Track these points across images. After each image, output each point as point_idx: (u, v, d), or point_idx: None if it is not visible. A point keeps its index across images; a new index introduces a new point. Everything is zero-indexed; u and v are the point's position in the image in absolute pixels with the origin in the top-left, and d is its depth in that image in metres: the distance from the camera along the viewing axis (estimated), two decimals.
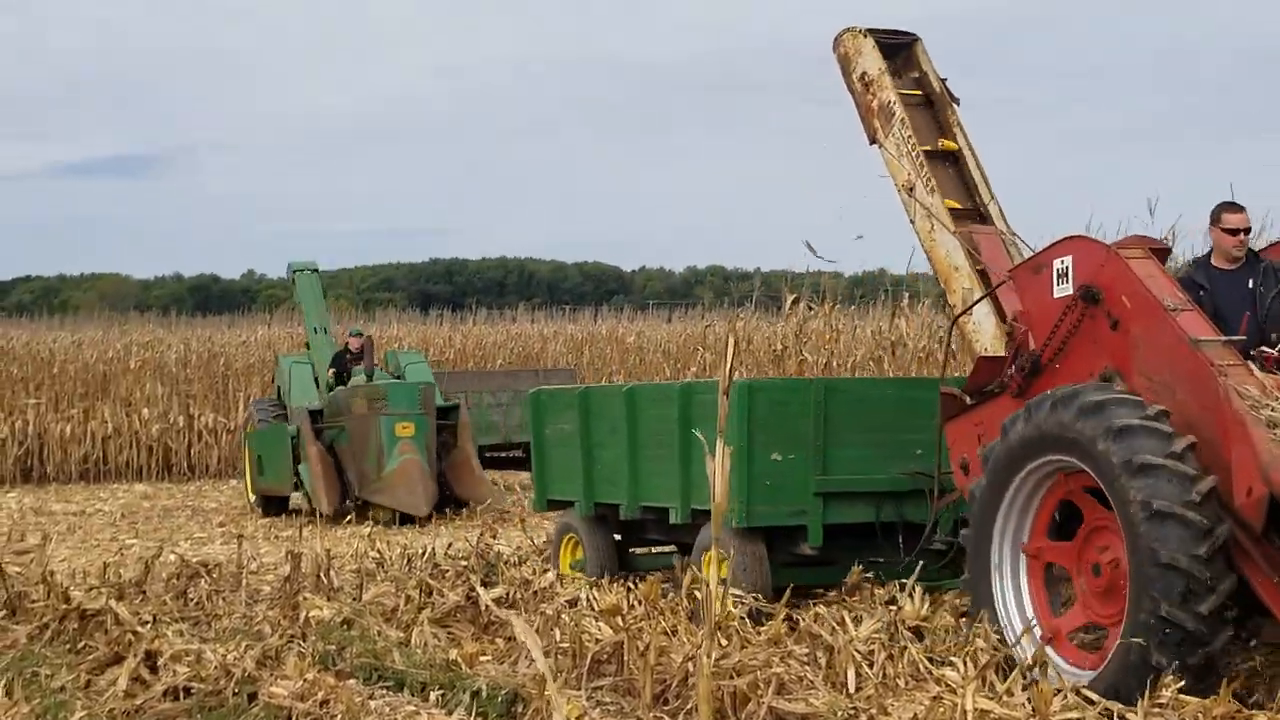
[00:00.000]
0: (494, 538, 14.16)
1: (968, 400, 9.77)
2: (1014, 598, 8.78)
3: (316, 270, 23.41)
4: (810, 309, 20.00)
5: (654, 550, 12.78)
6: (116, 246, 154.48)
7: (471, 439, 20.74)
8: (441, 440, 20.16)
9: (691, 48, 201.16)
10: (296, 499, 20.79)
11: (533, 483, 13.43)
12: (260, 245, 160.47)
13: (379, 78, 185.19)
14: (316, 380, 21.52)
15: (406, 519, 18.96)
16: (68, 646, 9.95)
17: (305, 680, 8.26)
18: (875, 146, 10.67)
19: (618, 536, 12.51)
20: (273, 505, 20.87)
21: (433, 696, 8.29)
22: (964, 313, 9.92)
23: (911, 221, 10.34)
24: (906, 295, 19.18)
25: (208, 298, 67.08)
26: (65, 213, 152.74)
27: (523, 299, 55.48)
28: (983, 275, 9.98)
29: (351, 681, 8.64)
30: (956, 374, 14.59)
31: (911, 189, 10.30)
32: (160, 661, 8.85)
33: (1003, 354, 9.57)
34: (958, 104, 10.70)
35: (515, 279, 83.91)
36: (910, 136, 10.35)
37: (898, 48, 10.90)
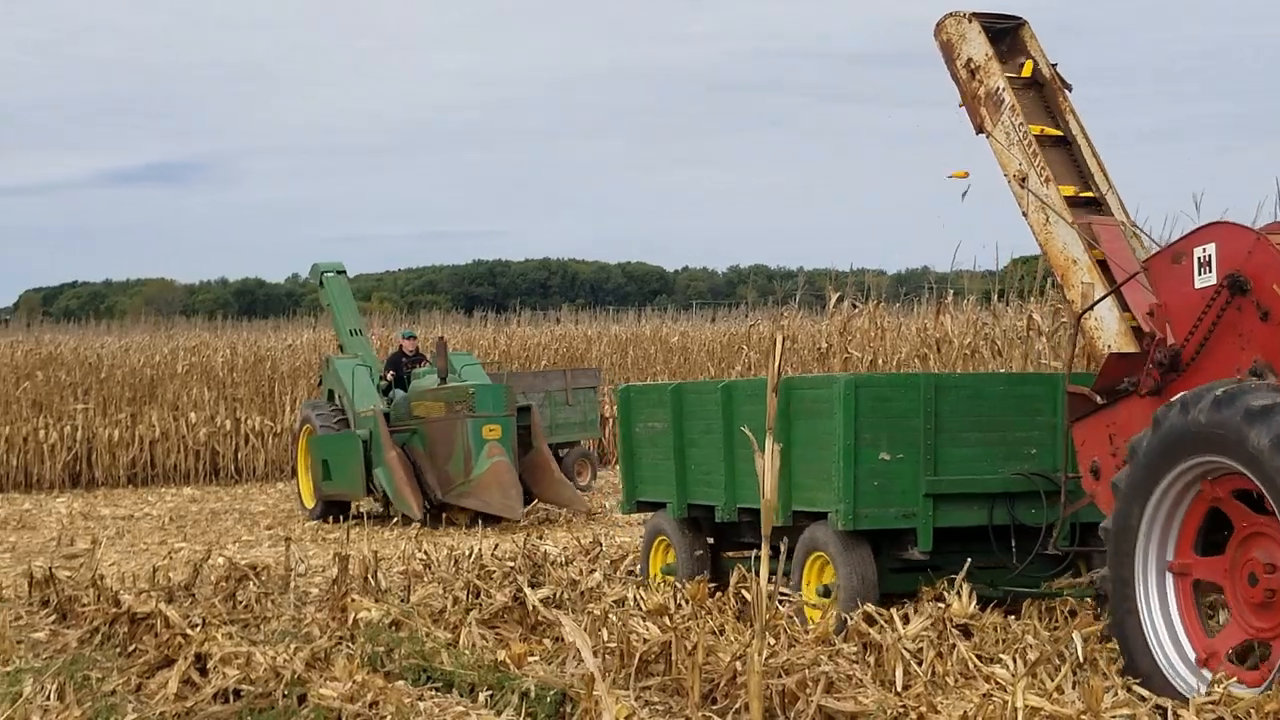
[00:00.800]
0: (540, 538, 14.18)
1: (1098, 400, 9.27)
2: (1161, 615, 8.15)
3: (343, 272, 23.28)
4: (854, 307, 19.94)
5: (749, 554, 12.08)
6: (161, 252, 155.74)
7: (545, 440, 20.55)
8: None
9: (729, 49, 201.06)
10: (362, 504, 20.71)
11: (620, 483, 13.00)
12: (303, 249, 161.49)
13: (419, 84, 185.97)
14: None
15: (488, 520, 18.68)
16: (118, 650, 10.02)
17: (354, 682, 8.28)
18: (982, 136, 10.16)
19: (710, 540, 12.07)
20: (332, 510, 20.49)
21: (481, 697, 8.30)
22: (1090, 308, 9.32)
23: (1024, 214, 9.85)
24: (950, 292, 19.07)
25: (253, 302, 67.48)
26: (110, 219, 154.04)
27: (566, 300, 55.62)
28: (1103, 268, 9.45)
29: (400, 683, 8.65)
30: (995, 368, 14.45)
31: (1024, 179, 9.79)
32: (210, 664, 8.89)
33: (1132, 350, 9.08)
34: (1070, 90, 10.22)
35: (558, 280, 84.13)
36: (1021, 124, 9.86)
37: (1004, 32, 10.40)
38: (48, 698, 8.38)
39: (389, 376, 21.07)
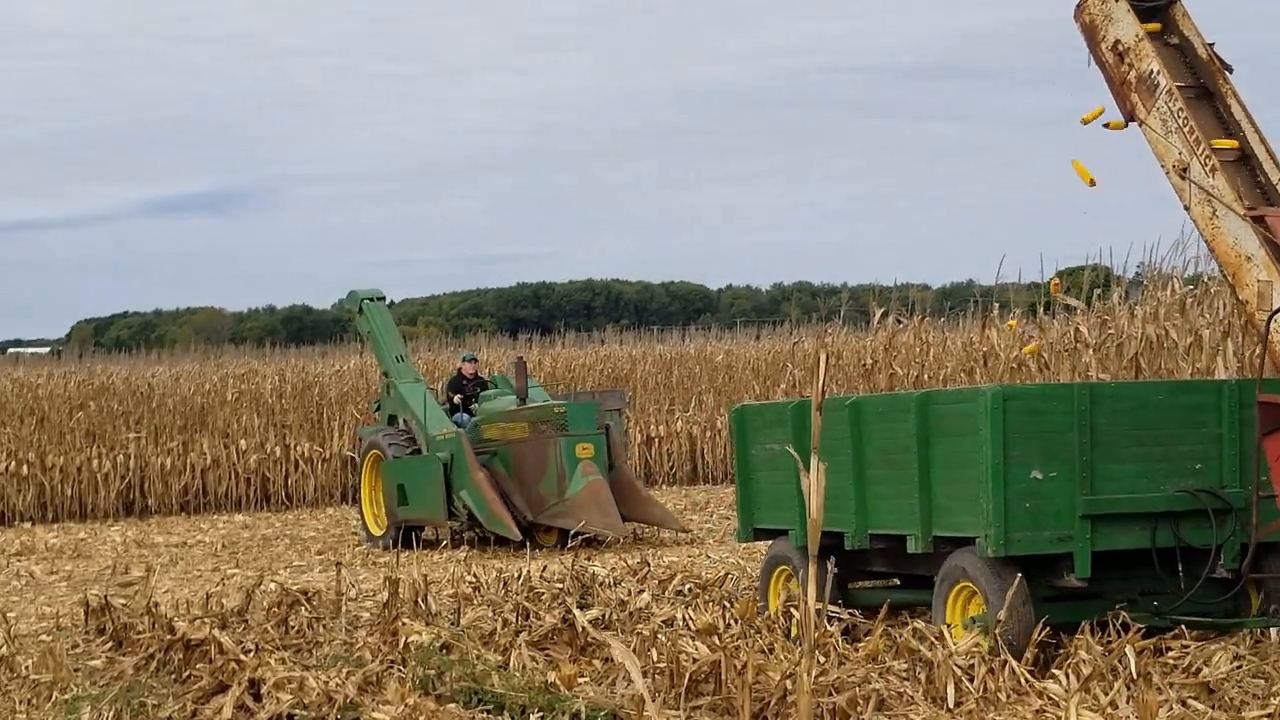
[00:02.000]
0: (588, 559, 14.19)
1: None
2: None
3: (383, 298, 23.06)
4: (899, 322, 19.91)
5: (876, 584, 11.67)
6: (210, 281, 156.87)
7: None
8: None
9: (767, 67, 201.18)
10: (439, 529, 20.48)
11: (735, 509, 12.35)
12: (350, 275, 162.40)
13: (460, 109, 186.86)
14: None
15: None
16: (173, 676, 10.09)
17: (406, 705, 8.32)
18: (1134, 124, 9.51)
19: (835, 569, 10.95)
20: (405, 535, 20.05)
21: (533, 719, 8.32)
22: None
23: (1186, 208, 9.19)
24: (996, 306, 19.02)
25: (300, 328, 67.83)
26: (159, 249, 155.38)
27: (610, 321, 55.70)
28: None
29: (452, 706, 8.68)
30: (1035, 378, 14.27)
31: (1185, 170, 9.09)
32: (264, 689, 8.95)
33: None
34: (1230, 71, 9.52)
35: (602, 301, 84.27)
36: (1180, 109, 9.12)
37: (1153, 11, 9.66)
38: None
39: (456, 399, 20.96)
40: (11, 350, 54.97)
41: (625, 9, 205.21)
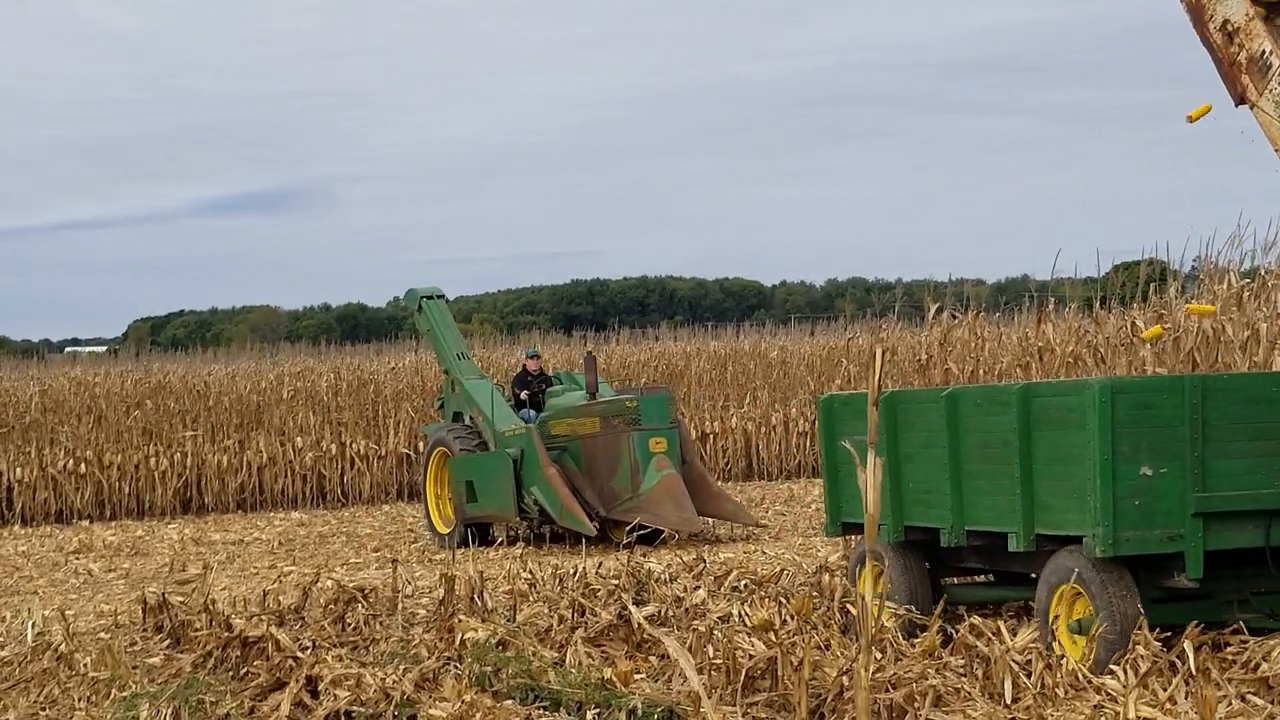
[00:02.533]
0: (644, 556, 14.19)
1: None
2: None
3: (443, 296, 22.92)
4: (954, 317, 19.80)
5: (974, 580, 11.51)
6: (265, 279, 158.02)
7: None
8: None
9: (819, 64, 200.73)
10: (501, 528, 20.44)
11: (824, 503, 12.17)
12: (404, 273, 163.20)
13: (512, 108, 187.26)
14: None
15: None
16: (231, 674, 10.16)
17: (463, 702, 8.35)
18: (1244, 108, 9.10)
19: (926, 564, 11.09)
20: (473, 534, 19.90)
21: (589, 716, 8.33)
22: None
23: None
24: (1052, 300, 18.88)
25: (355, 326, 68.16)
26: (215, 248, 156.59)
27: (664, 317, 55.75)
28: None
29: (508, 702, 8.71)
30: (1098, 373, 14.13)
31: None
32: (321, 686, 9.00)
33: None
34: None
35: (656, 297, 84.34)
36: None
37: None
38: None
39: (523, 395, 20.87)
40: (69, 349, 55.54)
41: (677, 6, 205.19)
